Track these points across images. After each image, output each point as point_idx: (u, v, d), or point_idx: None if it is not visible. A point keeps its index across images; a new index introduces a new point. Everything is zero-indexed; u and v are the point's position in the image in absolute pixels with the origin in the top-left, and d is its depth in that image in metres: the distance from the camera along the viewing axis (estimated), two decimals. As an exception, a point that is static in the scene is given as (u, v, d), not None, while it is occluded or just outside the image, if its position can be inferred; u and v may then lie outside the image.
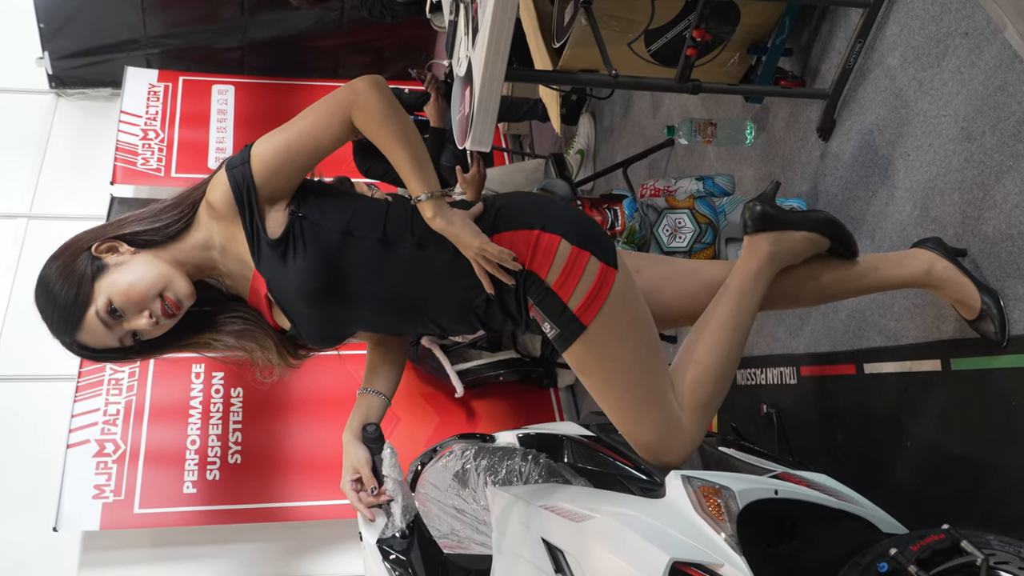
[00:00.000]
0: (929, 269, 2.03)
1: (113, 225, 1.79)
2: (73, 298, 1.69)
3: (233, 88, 6.05)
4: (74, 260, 1.72)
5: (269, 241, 1.74)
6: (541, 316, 1.78)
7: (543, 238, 1.75)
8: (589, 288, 1.74)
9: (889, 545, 1.66)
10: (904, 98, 2.38)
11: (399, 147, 1.72)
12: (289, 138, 1.73)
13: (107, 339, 1.73)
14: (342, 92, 1.71)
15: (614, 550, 1.59)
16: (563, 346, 1.78)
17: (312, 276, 1.74)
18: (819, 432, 2.70)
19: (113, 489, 4.37)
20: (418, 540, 1.84)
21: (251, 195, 1.72)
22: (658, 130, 3.90)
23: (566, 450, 2.28)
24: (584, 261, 1.74)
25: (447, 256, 1.77)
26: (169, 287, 1.73)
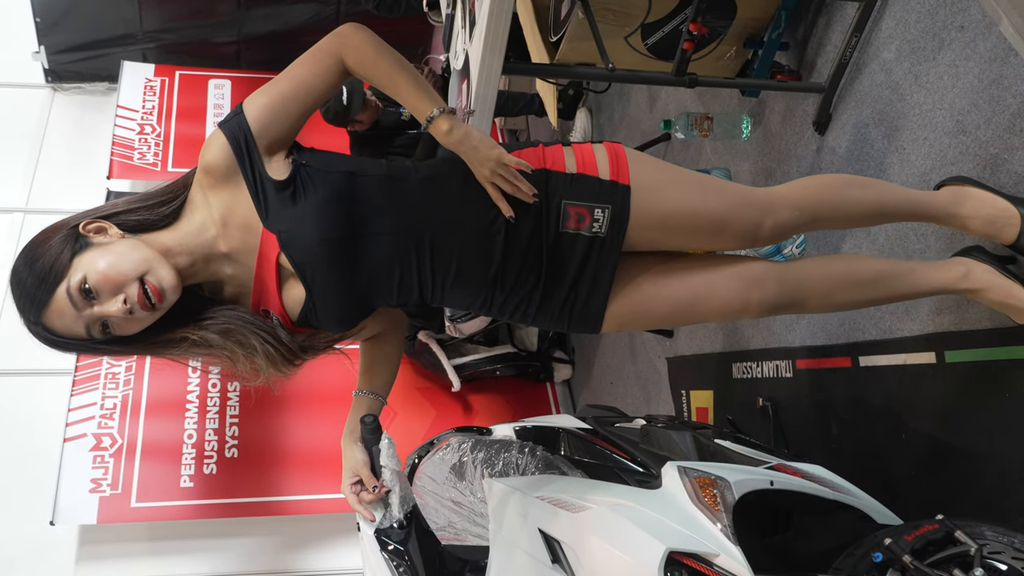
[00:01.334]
0: (967, 272, 1.94)
1: (105, 207, 1.70)
2: (47, 269, 1.56)
3: (229, 83, 6.06)
4: (56, 233, 1.61)
5: (275, 184, 1.67)
6: (586, 207, 1.77)
7: (548, 148, 1.82)
8: (608, 159, 1.79)
9: (884, 535, 1.67)
10: (900, 92, 2.39)
11: (399, 75, 1.71)
12: (281, 87, 1.69)
13: (73, 324, 1.57)
14: (328, 39, 1.71)
15: (611, 540, 1.59)
16: (625, 217, 1.77)
17: (327, 209, 1.67)
18: (815, 424, 2.71)
19: (110, 483, 4.38)
20: (416, 530, 1.85)
21: (249, 143, 1.66)
22: (655, 124, 3.90)
23: (562, 443, 2.29)
24: (590, 147, 1.82)
25: (457, 182, 1.75)
26: (152, 272, 1.59)
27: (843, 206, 1.95)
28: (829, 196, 1.93)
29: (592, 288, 1.83)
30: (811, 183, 1.94)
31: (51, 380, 4.78)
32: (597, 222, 1.77)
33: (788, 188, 1.92)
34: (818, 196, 1.91)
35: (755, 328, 3.10)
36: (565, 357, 5.07)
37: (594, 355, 4.79)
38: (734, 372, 3.22)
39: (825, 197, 1.92)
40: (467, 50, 2.48)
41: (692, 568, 1.53)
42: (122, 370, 4.70)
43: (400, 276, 1.78)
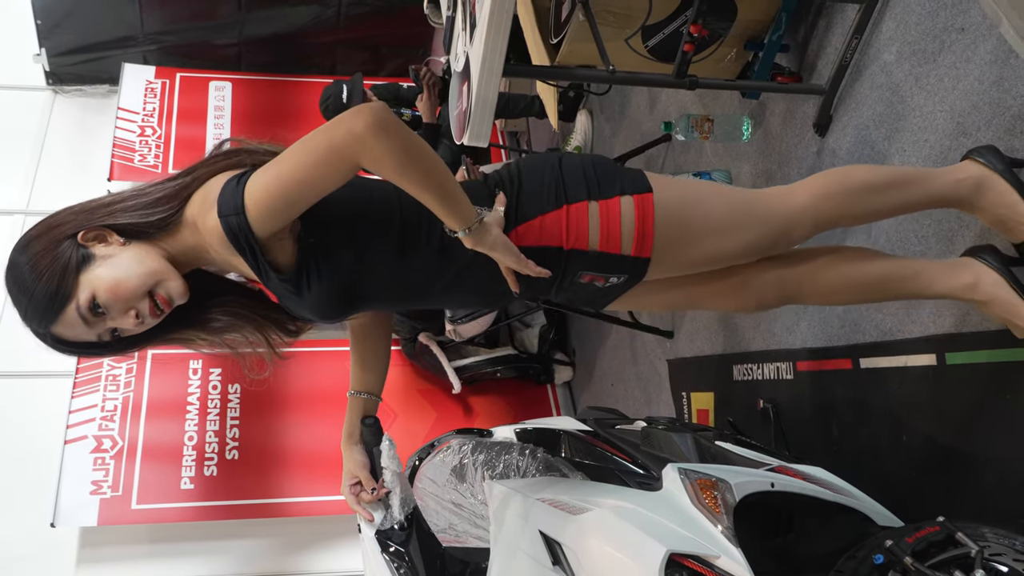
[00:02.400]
0: (975, 283, 1.88)
1: (101, 211, 1.62)
2: (54, 290, 1.53)
3: (230, 84, 6.06)
4: (57, 246, 1.56)
5: (279, 277, 1.62)
6: (602, 277, 1.76)
7: (571, 211, 1.71)
8: (635, 227, 1.71)
9: (885, 537, 1.67)
10: (900, 93, 2.39)
11: (425, 193, 1.56)
12: (286, 185, 1.52)
13: (84, 334, 1.58)
14: (345, 137, 1.49)
15: (611, 542, 1.59)
16: (638, 280, 1.78)
17: (330, 302, 1.66)
18: (815, 426, 2.71)
19: (111, 485, 4.38)
20: (416, 532, 1.85)
21: (251, 242, 1.56)
22: (655, 126, 3.90)
23: (563, 445, 2.28)
24: (617, 208, 1.71)
25: (468, 255, 1.69)
26: (161, 284, 1.59)
27: (865, 214, 1.94)
28: (851, 207, 1.89)
29: (595, 302, 1.91)
30: (834, 189, 1.88)
31: (52, 382, 4.78)
32: (611, 283, 1.78)
33: (810, 198, 1.86)
34: (839, 209, 1.88)
35: (756, 330, 3.10)
36: (566, 359, 5.07)
37: (595, 357, 4.79)
38: (735, 374, 3.22)
39: (847, 209, 1.89)
40: (468, 52, 2.48)
41: (693, 570, 1.53)
42: (123, 372, 4.70)
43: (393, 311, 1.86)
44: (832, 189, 1.87)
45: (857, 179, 1.90)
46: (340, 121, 1.50)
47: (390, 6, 6.23)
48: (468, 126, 2.37)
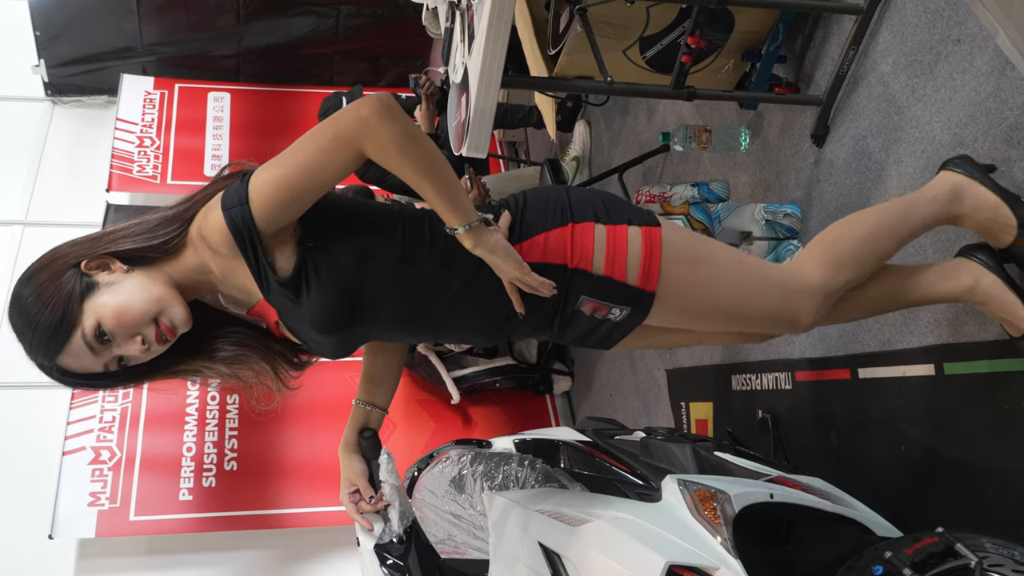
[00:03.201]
0: (974, 285, 1.90)
1: (104, 239, 1.62)
2: (59, 319, 1.52)
3: (229, 95, 6.08)
4: (60, 276, 1.56)
5: (279, 280, 1.60)
6: (604, 306, 1.73)
7: (577, 230, 1.69)
8: (641, 257, 1.69)
9: (884, 548, 1.67)
10: (897, 104, 2.39)
11: (425, 180, 1.55)
12: (291, 174, 1.52)
13: (91, 364, 1.57)
14: (349, 121, 1.50)
15: (611, 554, 1.59)
16: (641, 318, 1.74)
17: (329, 309, 1.63)
18: (814, 436, 2.71)
19: (109, 496, 4.37)
20: (415, 545, 1.84)
21: (254, 237, 1.55)
22: (653, 136, 3.91)
23: (562, 455, 2.28)
24: (624, 235, 1.69)
25: (470, 271, 1.68)
26: (164, 312, 1.58)
27: (872, 269, 1.93)
28: (860, 269, 1.87)
29: (602, 341, 1.87)
30: (847, 260, 1.84)
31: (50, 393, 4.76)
32: (613, 315, 1.75)
33: (825, 270, 1.82)
34: (850, 279, 1.86)
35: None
36: (565, 369, 5.06)
37: (594, 367, 4.79)
38: (733, 384, 3.22)
39: (857, 274, 1.87)
40: (466, 63, 2.48)
41: (692, 582, 1.53)
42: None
43: (395, 340, 1.90)
44: (841, 259, 1.85)
45: (853, 240, 1.87)
46: (346, 109, 1.52)
47: (389, 17, 6.25)
48: (467, 137, 2.38)
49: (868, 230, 1.86)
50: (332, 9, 6.20)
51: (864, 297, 1.93)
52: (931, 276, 1.93)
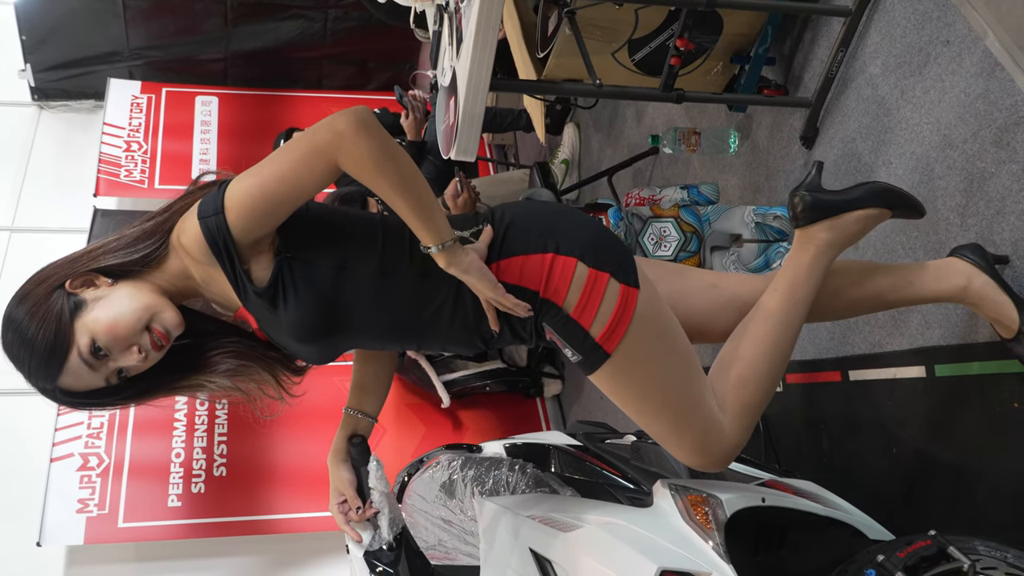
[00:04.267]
0: (966, 285, 1.88)
1: (85, 258, 1.62)
2: (52, 341, 1.53)
3: (217, 99, 6.05)
4: (47, 299, 1.56)
5: (256, 290, 1.59)
6: (561, 342, 1.68)
7: (557, 262, 1.64)
8: (611, 314, 1.64)
9: (876, 552, 1.66)
10: (886, 106, 2.39)
11: (400, 197, 1.53)
12: (266, 184, 1.52)
13: (92, 381, 1.58)
14: (324, 134, 1.49)
15: (602, 559, 1.58)
16: (587, 371, 1.70)
17: (306, 321, 1.62)
18: (806, 439, 2.70)
19: (97, 503, 4.34)
20: (405, 552, 1.83)
21: (229, 246, 1.54)
22: (642, 139, 3.91)
23: (553, 460, 2.28)
24: (603, 285, 1.64)
25: (451, 282, 1.65)
26: (156, 318, 1.58)
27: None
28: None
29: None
30: (757, 402, 1.78)
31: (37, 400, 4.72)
32: (567, 354, 1.71)
33: (742, 428, 1.76)
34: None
35: (745, 342, 3.10)
36: (555, 372, 5.06)
37: (584, 370, 4.78)
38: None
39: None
40: (454, 67, 2.47)
41: (684, 587, 1.52)
42: (109, 389, 4.67)
43: (377, 348, 1.90)
44: (751, 405, 1.78)
45: (756, 381, 1.78)
46: (323, 122, 1.50)
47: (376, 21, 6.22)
48: (455, 141, 2.37)
49: (771, 363, 1.79)
50: (320, 13, 6.19)
51: (854, 296, 1.91)
52: (923, 276, 1.91)
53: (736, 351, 1.78)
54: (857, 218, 1.85)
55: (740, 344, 1.78)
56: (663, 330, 1.70)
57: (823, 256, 1.83)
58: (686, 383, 1.71)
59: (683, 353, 1.73)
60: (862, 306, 1.95)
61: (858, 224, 1.85)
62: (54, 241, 5.52)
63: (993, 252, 1.95)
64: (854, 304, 1.93)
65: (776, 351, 1.77)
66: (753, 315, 1.81)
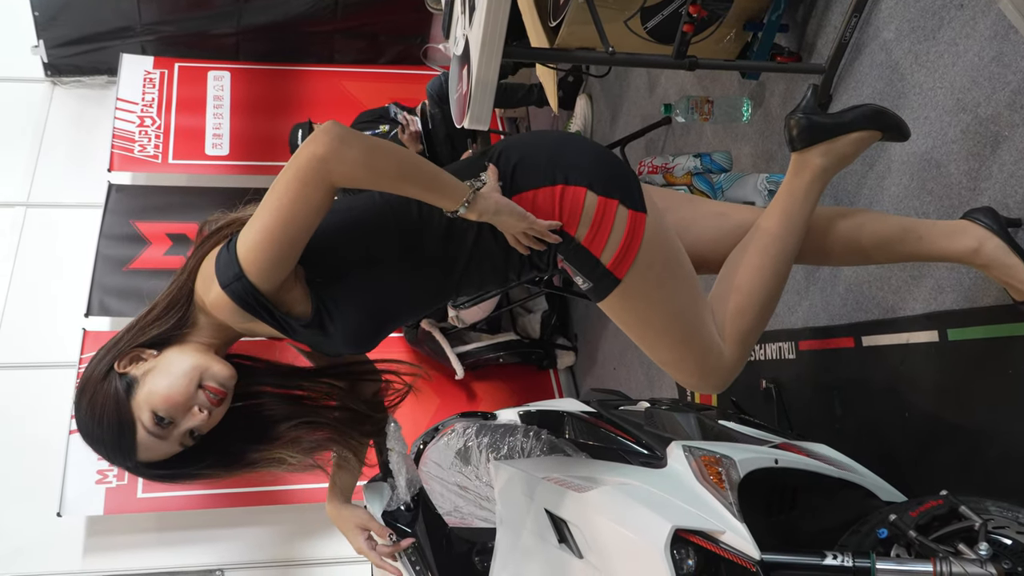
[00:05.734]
0: (978, 248, 1.88)
1: (125, 339, 1.65)
2: (117, 427, 1.57)
3: (229, 74, 6.04)
4: (102, 386, 1.60)
5: (303, 323, 1.63)
6: (572, 270, 1.72)
7: (567, 192, 1.67)
8: (621, 239, 1.67)
9: (888, 512, 1.68)
10: (900, 71, 2.39)
11: (404, 184, 1.56)
12: (274, 232, 1.52)
13: (167, 449, 1.61)
14: (308, 164, 1.49)
15: (617, 519, 1.60)
16: (597, 298, 1.74)
17: (359, 330, 1.68)
18: (818, 405, 2.71)
19: (116, 474, 4.39)
20: (423, 512, 1.85)
21: (263, 302, 1.58)
22: (655, 108, 3.90)
23: (567, 426, 2.29)
24: (612, 211, 1.67)
25: (472, 235, 1.69)
26: (206, 375, 1.60)
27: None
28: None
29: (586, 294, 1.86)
30: (753, 328, 1.84)
31: (56, 373, 4.79)
32: (582, 285, 1.75)
33: (740, 350, 1.83)
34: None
35: (757, 311, 3.10)
36: (568, 344, 5.07)
37: (597, 341, 4.80)
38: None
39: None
40: (467, 35, 2.48)
41: (698, 545, 1.54)
42: (126, 362, 4.71)
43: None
44: (748, 335, 1.84)
45: (756, 309, 1.83)
46: (300, 152, 1.50)
47: (388, -7, 6.22)
48: (469, 109, 2.37)
49: (768, 292, 1.83)
50: (332, -14, 6.18)
51: (864, 240, 1.92)
52: (935, 233, 1.91)
53: (734, 280, 1.82)
54: (851, 140, 1.88)
55: (737, 273, 1.83)
56: (670, 255, 1.75)
57: (818, 181, 1.86)
58: (691, 307, 1.76)
59: (688, 278, 1.78)
60: (869, 252, 1.95)
61: (852, 146, 1.88)
62: (69, 216, 5.56)
63: (1006, 216, 1.95)
64: (861, 249, 1.94)
65: (773, 279, 1.82)
66: (749, 241, 1.85)
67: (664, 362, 1.82)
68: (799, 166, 1.87)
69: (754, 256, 1.82)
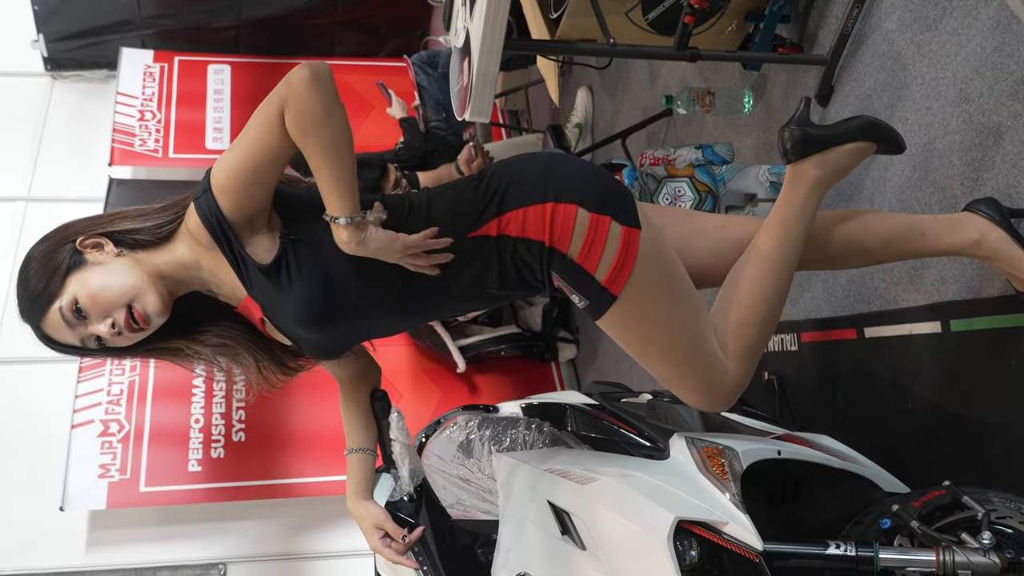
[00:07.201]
0: (980, 239, 1.87)
1: (104, 219, 1.70)
2: (43, 288, 1.61)
3: (229, 68, 6.04)
4: (57, 249, 1.64)
5: (259, 267, 1.63)
6: (568, 288, 1.71)
7: (558, 210, 1.65)
8: (615, 256, 1.65)
9: (891, 502, 1.68)
10: (902, 62, 2.38)
11: (324, 162, 1.56)
12: (241, 155, 1.57)
13: (69, 337, 1.65)
14: (280, 88, 1.53)
15: (620, 510, 1.60)
16: (595, 316, 1.72)
17: (313, 303, 1.65)
18: (821, 397, 2.72)
19: (119, 468, 4.40)
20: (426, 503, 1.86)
21: (223, 225, 1.60)
22: (656, 100, 3.90)
23: (569, 419, 2.29)
24: (605, 227, 1.65)
25: (452, 252, 1.68)
26: (139, 299, 1.62)
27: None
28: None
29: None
30: (757, 343, 1.82)
31: (57, 367, 4.78)
32: (578, 303, 1.72)
33: (745, 367, 1.81)
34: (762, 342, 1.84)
35: (759, 303, 3.10)
36: (569, 337, 5.07)
37: (599, 334, 4.80)
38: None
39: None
40: (467, 27, 2.47)
41: (701, 536, 1.55)
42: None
43: (391, 334, 1.90)
44: (752, 348, 1.81)
45: (756, 324, 1.81)
46: (284, 78, 1.53)
47: (388, -14, 6.21)
48: (470, 101, 2.37)
49: (770, 305, 1.82)
50: (332, -21, 6.17)
51: (865, 241, 1.91)
52: (937, 228, 1.90)
53: (734, 294, 1.81)
54: (845, 151, 1.87)
55: (738, 287, 1.81)
56: (667, 271, 1.72)
57: (814, 192, 1.85)
58: (691, 323, 1.74)
59: (687, 293, 1.75)
60: (873, 253, 1.94)
61: (846, 158, 1.88)
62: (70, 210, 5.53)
63: (1008, 206, 1.94)
64: (865, 251, 1.93)
65: (774, 292, 1.80)
66: (748, 256, 1.83)
67: (667, 380, 1.79)
68: (795, 177, 1.87)
69: (754, 269, 1.81)
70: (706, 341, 1.75)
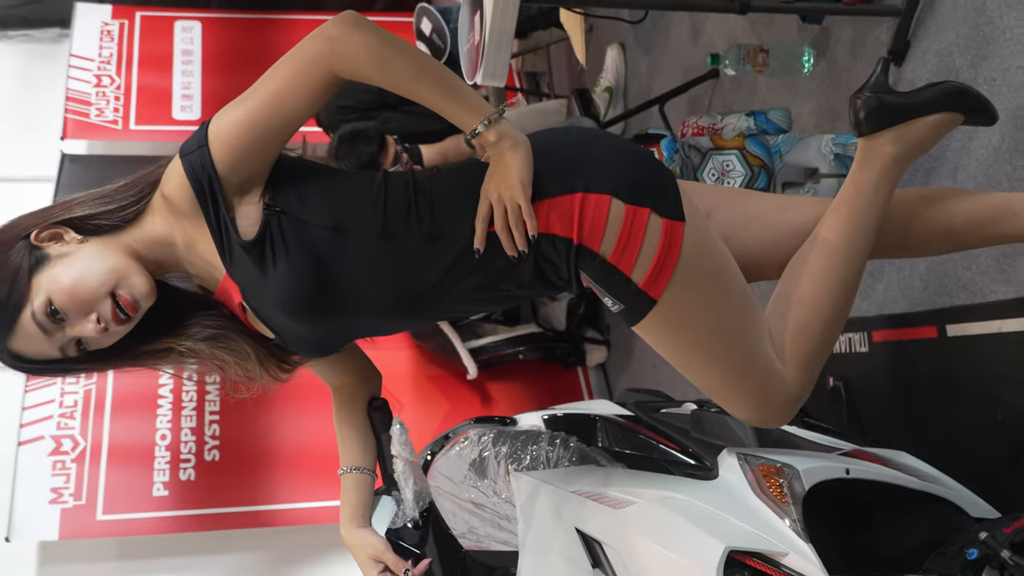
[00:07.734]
0: None
1: (58, 208, 1.68)
2: (5, 297, 1.58)
3: (200, 24, 6.06)
4: (8, 251, 1.61)
5: (242, 243, 1.62)
6: (599, 290, 1.69)
7: (589, 201, 1.63)
8: (655, 254, 1.63)
9: (979, 530, 1.68)
10: (987, 14, 2.37)
11: (418, 83, 1.58)
12: (255, 110, 1.58)
13: (46, 347, 1.62)
14: (313, 43, 1.56)
15: (661, 540, 1.60)
16: (631, 322, 1.70)
17: (297, 288, 1.64)
18: (896, 406, 2.71)
19: (73, 492, 4.42)
20: (433, 531, 1.86)
21: (214, 186, 1.59)
22: (700, 60, 3.89)
23: (599, 432, 2.29)
24: (644, 221, 1.63)
25: (462, 243, 1.66)
26: (122, 283, 1.62)
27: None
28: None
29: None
30: (819, 352, 1.82)
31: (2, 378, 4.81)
32: (607, 303, 1.72)
33: (805, 377, 1.80)
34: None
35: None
36: (599, 337, 5.06)
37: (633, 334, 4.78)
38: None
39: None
40: (479, -25, 2.47)
41: (756, 569, 1.55)
42: (83, 362, 4.73)
43: (384, 334, 1.90)
44: (813, 358, 1.81)
45: (819, 330, 1.80)
46: (310, 34, 1.56)
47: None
48: (482, 63, 2.37)
49: (836, 305, 1.81)
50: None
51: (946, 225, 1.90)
52: None
53: (794, 292, 1.79)
54: (928, 124, 1.84)
55: (799, 284, 1.80)
56: (716, 268, 1.71)
57: (891, 172, 1.83)
58: (742, 329, 1.72)
59: (738, 293, 1.73)
60: (959, 238, 1.93)
61: (929, 131, 1.85)
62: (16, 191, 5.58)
63: None
64: (949, 235, 1.92)
65: (841, 289, 1.79)
66: (811, 246, 1.81)
67: (714, 393, 1.78)
68: (867, 155, 1.84)
69: (818, 262, 1.79)
70: (760, 349, 1.74)
